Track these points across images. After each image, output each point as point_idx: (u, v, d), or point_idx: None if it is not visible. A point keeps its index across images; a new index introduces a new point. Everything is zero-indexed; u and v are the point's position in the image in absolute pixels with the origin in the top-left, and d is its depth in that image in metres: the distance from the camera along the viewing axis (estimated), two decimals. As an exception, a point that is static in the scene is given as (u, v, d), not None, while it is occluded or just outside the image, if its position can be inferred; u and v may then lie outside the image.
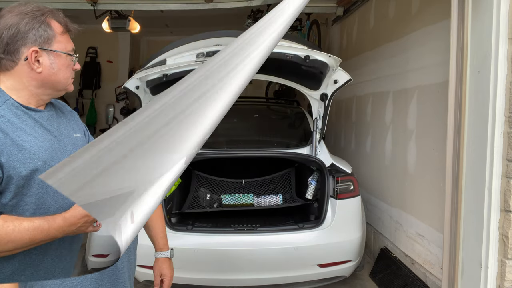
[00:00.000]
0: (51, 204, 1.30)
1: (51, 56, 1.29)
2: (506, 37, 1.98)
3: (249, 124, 4.32)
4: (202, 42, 2.99)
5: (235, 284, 2.96)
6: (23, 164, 1.21)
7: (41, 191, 1.27)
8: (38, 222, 1.18)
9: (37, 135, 1.28)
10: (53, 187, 0.70)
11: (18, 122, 1.25)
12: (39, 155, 1.25)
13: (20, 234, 1.15)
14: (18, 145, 1.21)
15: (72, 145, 1.41)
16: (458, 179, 2.24)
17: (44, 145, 1.28)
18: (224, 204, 3.56)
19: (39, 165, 1.24)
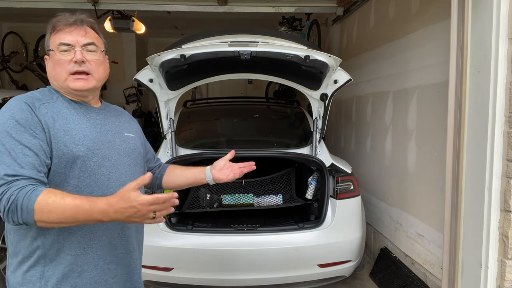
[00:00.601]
0: (94, 189, 1.39)
1: (50, 57, 1.46)
2: (506, 37, 1.98)
3: (249, 124, 4.32)
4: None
5: (235, 284, 2.96)
6: (67, 147, 1.34)
7: (83, 175, 1.37)
8: (80, 200, 1.22)
9: (84, 126, 1.42)
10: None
11: (69, 113, 1.41)
12: (83, 142, 1.38)
13: (61, 207, 1.20)
14: (65, 130, 1.36)
15: (122, 141, 1.53)
16: (458, 179, 2.24)
17: (90, 135, 1.41)
18: (224, 204, 3.56)
19: (82, 151, 1.37)
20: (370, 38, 4.44)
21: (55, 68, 1.44)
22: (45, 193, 1.22)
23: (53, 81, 1.47)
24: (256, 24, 6.79)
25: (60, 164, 1.34)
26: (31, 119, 1.32)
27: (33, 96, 1.40)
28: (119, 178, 1.45)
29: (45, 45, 1.48)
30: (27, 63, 7.66)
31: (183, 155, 3.34)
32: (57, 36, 1.44)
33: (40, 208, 1.20)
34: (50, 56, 1.46)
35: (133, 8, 5.09)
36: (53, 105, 1.40)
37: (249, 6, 5.00)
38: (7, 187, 1.22)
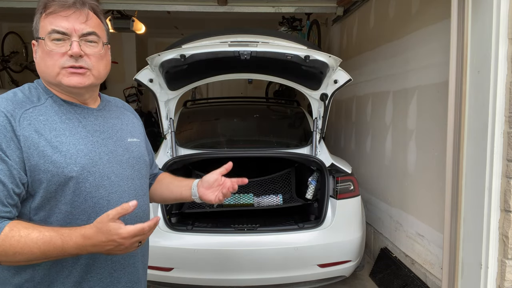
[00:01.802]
0: (91, 216, 1.15)
1: (39, 45, 1.17)
2: (506, 37, 1.98)
3: (249, 124, 4.32)
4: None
5: (235, 284, 2.96)
6: (56, 167, 1.10)
7: (77, 199, 1.14)
8: (49, 235, 1.03)
9: (78, 137, 1.16)
10: None
11: (59, 121, 1.15)
12: (77, 160, 1.13)
13: (27, 246, 1.01)
14: (54, 146, 1.11)
15: (124, 150, 1.27)
16: (458, 179, 2.24)
17: (85, 149, 1.16)
18: (224, 204, 3.56)
19: (75, 171, 1.12)
20: (370, 38, 4.44)
21: (44, 60, 1.15)
22: (6, 231, 1.02)
23: (42, 76, 1.20)
24: (256, 24, 6.79)
25: (50, 188, 1.10)
26: (5, 136, 1.05)
27: (14, 100, 1.12)
28: (120, 198, 1.21)
29: (33, 28, 1.17)
30: (27, 63, 7.66)
31: (183, 155, 3.34)
32: (49, 20, 1.14)
33: (4, 251, 1.01)
34: (39, 44, 1.16)
35: (133, 8, 5.09)
36: (39, 110, 1.13)
37: (249, 6, 5.00)
38: None
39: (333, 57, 2.89)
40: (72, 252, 1.05)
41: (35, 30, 1.18)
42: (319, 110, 3.51)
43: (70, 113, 1.19)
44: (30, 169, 1.08)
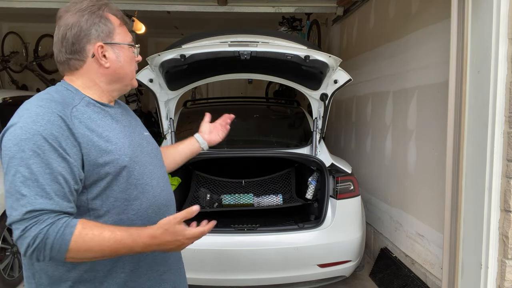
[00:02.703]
0: (143, 201, 1.27)
1: (115, 49, 1.28)
2: (506, 37, 1.98)
3: (249, 124, 4.32)
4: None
5: (235, 284, 2.95)
6: (112, 160, 1.19)
7: (130, 187, 1.24)
8: (120, 234, 1.10)
9: (117, 131, 1.26)
10: None
11: (98, 118, 1.23)
12: (125, 151, 1.24)
13: (99, 244, 1.08)
14: (106, 141, 1.20)
15: (147, 142, 1.40)
16: (458, 179, 2.24)
17: (127, 142, 1.27)
18: (224, 204, 3.56)
19: (126, 161, 1.23)
20: (370, 38, 4.44)
21: (130, 65, 1.32)
22: (80, 228, 1.07)
23: (119, 76, 1.30)
24: (256, 24, 6.78)
25: (107, 179, 1.19)
26: (62, 135, 1.11)
27: (57, 101, 1.17)
28: (158, 184, 1.34)
29: (103, 32, 1.25)
30: (27, 63, 7.66)
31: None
32: (124, 30, 1.30)
33: (77, 247, 1.07)
34: (121, 48, 1.28)
35: (133, 8, 5.09)
36: (80, 109, 1.20)
37: (249, 6, 5.00)
38: (32, 223, 1.05)
39: (333, 57, 2.89)
40: (138, 251, 1.14)
41: (107, 34, 1.25)
42: (319, 110, 3.51)
43: (103, 111, 1.27)
44: (89, 163, 1.15)
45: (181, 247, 1.20)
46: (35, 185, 1.06)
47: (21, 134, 1.09)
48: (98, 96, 1.29)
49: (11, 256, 3.48)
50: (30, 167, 1.07)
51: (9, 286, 3.43)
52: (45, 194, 1.07)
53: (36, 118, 1.11)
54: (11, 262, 3.49)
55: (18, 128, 1.10)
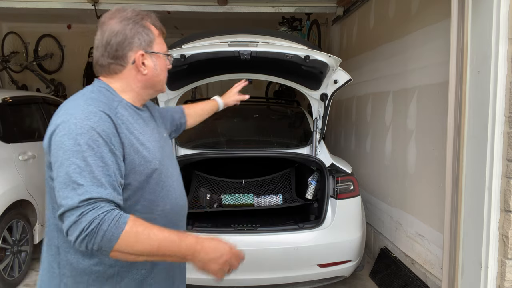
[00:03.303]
0: (166, 203, 1.34)
1: (153, 58, 1.35)
2: (506, 37, 1.98)
3: (249, 124, 4.32)
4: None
5: (235, 284, 2.95)
6: (146, 162, 1.27)
7: (157, 188, 1.31)
8: (168, 231, 1.16)
9: (148, 135, 1.34)
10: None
11: (134, 121, 1.30)
12: (156, 155, 1.31)
13: (149, 238, 1.12)
14: (141, 143, 1.28)
15: (167, 144, 1.49)
16: (458, 179, 2.24)
17: (157, 145, 1.35)
18: (224, 204, 3.56)
19: (157, 164, 1.30)
20: (370, 38, 4.44)
21: (164, 72, 1.41)
22: (133, 220, 1.12)
23: (154, 81, 1.38)
24: (256, 24, 6.79)
25: (140, 179, 1.26)
26: (111, 132, 1.19)
27: (100, 100, 1.25)
28: (178, 186, 1.42)
29: (144, 42, 1.33)
30: (27, 63, 7.66)
31: (183, 155, 3.34)
32: (162, 41, 1.40)
33: (127, 237, 1.09)
34: (158, 58, 1.37)
35: (133, 8, 5.08)
36: (120, 111, 1.27)
37: (249, 6, 5.00)
38: (89, 208, 1.09)
39: (333, 57, 2.89)
40: (183, 252, 1.17)
41: (148, 43, 1.34)
42: (319, 110, 3.51)
43: (136, 114, 1.35)
44: (128, 163, 1.22)
45: (217, 261, 1.24)
46: (90, 176, 1.12)
47: (76, 129, 1.15)
48: (132, 99, 1.35)
49: (11, 256, 3.48)
50: (86, 159, 1.13)
51: (9, 286, 3.44)
52: (100, 184, 1.12)
53: (89, 115, 1.18)
54: (11, 262, 3.49)
55: (72, 124, 1.16)
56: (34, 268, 3.91)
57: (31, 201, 3.76)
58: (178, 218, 1.38)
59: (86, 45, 8.38)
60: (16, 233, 3.57)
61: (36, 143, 4.11)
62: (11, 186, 3.50)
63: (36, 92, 6.10)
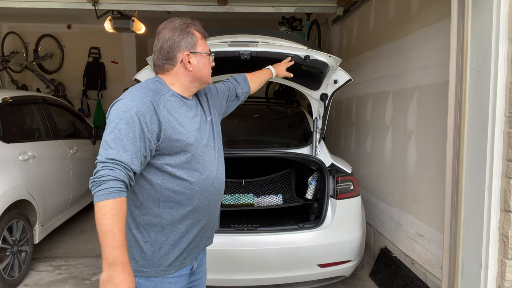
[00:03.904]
0: (202, 172, 1.65)
1: (197, 57, 1.68)
2: (506, 37, 1.98)
3: (249, 124, 4.33)
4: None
5: (235, 284, 2.96)
6: (182, 137, 1.58)
7: (193, 160, 1.63)
8: (120, 234, 1.37)
9: (189, 118, 1.65)
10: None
11: (178, 106, 1.63)
12: (192, 133, 1.62)
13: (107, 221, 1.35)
14: (179, 123, 1.59)
15: (209, 126, 1.79)
16: (458, 179, 2.24)
17: (195, 126, 1.66)
18: (224, 204, 3.56)
19: (192, 140, 1.62)
20: (370, 38, 4.44)
21: (207, 68, 1.72)
22: (119, 201, 1.38)
23: (198, 75, 1.69)
24: (256, 24, 6.79)
25: (177, 150, 1.58)
26: (149, 114, 1.50)
27: (152, 90, 1.58)
28: (213, 162, 1.72)
29: (188, 43, 1.66)
30: (27, 63, 7.66)
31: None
32: (204, 42, 1.72)
33: (102, 206, 1.36)
34: (201, 57, 1.69)
35: (133, 8, 5.09)
36: (166, 98, 1.60)
37: (249, 6, 5.00)
38: (109, 165, 1.40)
39: (333, 57, 2.89)
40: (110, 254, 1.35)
41: (192, 45, 1.68)
42: (319, 110, 3.51)
43: (182, 101, 1.67)
44: (166, 137, 1.54)
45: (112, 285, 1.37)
46: (120, 143, 1.44)
47: (121, 107, 1.49)
48: (180, 90, 1.69)
49: (11, 256, 3.48)
50: (121, 130, 1.45)
51: (9, 286, 3.44)
52: (125, 151, 1.43)
53: (134, 99, 1.51)
54: (11, 262, 3.49)
55: (121, 103, 1.51)
56: (34, 268, 3.91)
57: (31, 201, 3.76)
58: (212, 189, 1.70)
59: (86, 45, 8.38)
60: (16, 233, 3.57)
61: (36, 143, 4.12)
62: (11, 186, 3.50)
63: (36, 92, 6.09)
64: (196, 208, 1.67)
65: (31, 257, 3.84)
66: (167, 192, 1.60)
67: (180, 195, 1.62)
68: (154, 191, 1.60)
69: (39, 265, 3.99)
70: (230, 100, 2.13)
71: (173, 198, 1.61)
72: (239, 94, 2.17)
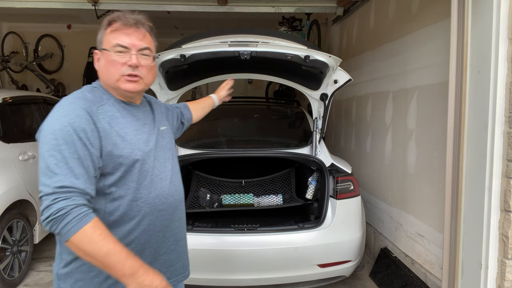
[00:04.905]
0: (151, 191, 1.44)
1: (103, 55, 1.44)
2: (506, 37, 1.98)
3: (249, 124, 4.32)
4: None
5: (235, 284, 2.96)
6: (126, 154, 1.37)
7: (141, 177, 1.42)
8: (120, 246, 1.24)
9: (135, 128, 1.44)
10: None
11: (120, 116, 1.42)
12: (139, 146, 1.42)
13: (101, 243, 1.21)
14: (121, 137, 1.38)
15: (162, 137, 1.57)
16: (458, 179, 2.24)
17: (143, 138, 1.45)
18: (224, 204, 3.56)
19: (139, 155, 1.41)
20: (370, 38, 4.44)
21: (108, 68, 1.42)
22: (95, 222, 1.24)
23: (103, 80, 1.46)
24: (256, 24, 6.79)
25: (122, 169, 1.37)
26: (89, 128, 1.31)
27: (87, 99, 1.37)
28: (166, 176, 1.51)
29: (98, 41, 1.45)
30: (27, 63, 7.66)
31: (183, 155, 3.34)
32: (113, 35, 1.42)
33: (83, 235, 1.21)
34: (103, 54, 1.43)
35: (133, 8, 5.05)
36: (105, 108, 1.39)
37: (249, 6, 5.00)
38: (63, 197, 1.21)
39: (333, 57, 2.88)
40: (127, 267, 1.24)
41: (99, 43, 1.45)
42: (319, 110, 3.51)
43: (126, 110, 1.46)
44: (106, 154, 1.34)
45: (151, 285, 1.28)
46: (65, 167, 1.24)
47: (55, 125, 1.29)
48: (118, 96, 1.46)
49: (11, 256, 3.48)
50: (62, 152, 1.25)
51: (9, 286, 3.44)
52: (73, 175, 1.25)
53: (68, 113, 1.31)
54: (11, 262, 3.49)
55: (53, 120, 1.31)
56: (34, 268, 3.91)
57: (31, 201, 3.76)
58: (166, 208, 1.48)
59: (86, 45, 8.36)
60: (16, 233, 3.57)
61: (36, 143, 4.11)
62: (11, 186, 3.50)
63: (36, 92, 6.09)
64: (146, 231, 1.44)
65: (31, 257, 3.84)
66: (111, 217, 1.37)
67: (126, 218, 1.39)
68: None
69: (39, 265, 3.99)
70: (178, 123, 1.96)
71: (118, 223, 1.38)
72: (184, 120, 2.01)
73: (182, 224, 1.64)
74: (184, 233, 1.67)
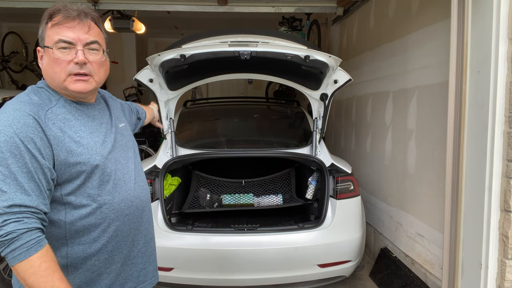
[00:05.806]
0: (115, 196, 1.34)
1: (46, 52, 1.30)
2: (506, 37, 1.98)
3: (249, 124, 4.32)
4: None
5: (235, 284, 2.96)
6: (83, 160, 1.26)
7: (102, 183, 1.31)
8: (65, 285, 1.15)
9: (91, 130, 1.32)
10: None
11: (73, 118, 1.29)
12: (97, 150, 1.30)
13: (43, 279, 1.12)
14: (76, 141, 1.26)
15: (121, 135, 1.45)
16: (458, 179, 2.24)
17: (100, 140, 1.33)
18: (224, 204, 3.56)
19: (98, 160, 1.29)
20: (370, 38, 4.44)
21: (52, 67, 1.27)
22: (45, 252, 1.13)
23: (49, 80, 1.31)
24: (256, 24, 6.79)
25: (80, 177, 1.26)
26: (38, 137, 1.17)
27: (33, 103, 1.22)
28: (130, 177, 1.41)
29: (39, 36, 1.31)
30: (27, 63, 7.66)
31: (183, 155, 3.34)
32: (55, 30, 1.26)
33: (29, 265, 1.11)
34: (45, 52, 1.29)
35: (133, 8, 5.09)
36: (55, 111, 1.25)
37: (249, 6, 5.00)
38: (13, 218, 1.11)
39: (333, 57, 2.88)
40: None
41: (41, 39, 1.31)
42: (319, 110, 3.51)
43: (79, 110, 1.33)
44: (60, 163, 1.22)
45: None
46: (14, 183, 1.13)
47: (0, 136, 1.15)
48: (66, 96, 1.33)
49: (11, 256, 3.48)
50: (9, 166, 1.13)
51: (9, 286, 3.44)
52: (24, 191, 1.13)
53: (13, 122, 1.16)
54: (11, 262, 3.49)
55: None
56: (34, 268, 3.90)
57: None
58: (133, 211, 1.39)
59: (86, 45, 8.35)
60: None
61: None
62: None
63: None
64: (114, 237, 1.35)
65: (31, 257, 3.84)
66: (73, 228, 1.27)
67: (89, 227, 1.29)
68: (57, 229, 1.26)
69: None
70: (135, 118, 1.88)
71: (81, 233, 1.29)
72: (140, 116, 1.95)
73: (151, 225, 1.55)
74: (153, 233, 1.59)
